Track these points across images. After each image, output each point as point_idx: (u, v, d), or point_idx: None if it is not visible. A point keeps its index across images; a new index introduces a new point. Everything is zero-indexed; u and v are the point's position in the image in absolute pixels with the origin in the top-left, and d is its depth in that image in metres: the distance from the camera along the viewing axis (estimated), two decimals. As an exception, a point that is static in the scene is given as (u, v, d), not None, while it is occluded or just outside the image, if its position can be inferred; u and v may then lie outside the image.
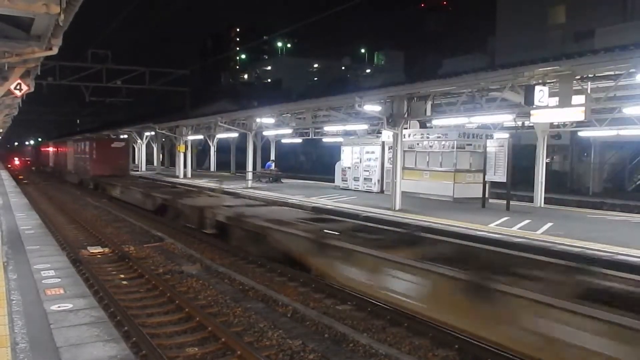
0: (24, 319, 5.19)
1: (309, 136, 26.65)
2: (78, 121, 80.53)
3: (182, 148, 28.71)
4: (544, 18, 36.40)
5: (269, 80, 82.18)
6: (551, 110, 10.94)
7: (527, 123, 17.18)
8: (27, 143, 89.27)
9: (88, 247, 13.29)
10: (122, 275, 10.85)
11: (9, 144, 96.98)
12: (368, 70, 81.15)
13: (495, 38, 41.24)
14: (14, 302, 5.73)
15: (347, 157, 21.27)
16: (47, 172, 51.56)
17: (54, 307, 5.65)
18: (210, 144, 34.84)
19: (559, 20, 36.09)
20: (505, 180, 14.50)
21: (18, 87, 9.62)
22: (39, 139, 79.24)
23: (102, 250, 13.15)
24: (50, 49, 8.36)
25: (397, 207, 14.27)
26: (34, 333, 4.83)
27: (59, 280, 6.96)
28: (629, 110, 12.70)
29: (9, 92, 10.30)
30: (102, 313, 5.63)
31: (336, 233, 10.43)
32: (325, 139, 28.10)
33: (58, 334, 4.83)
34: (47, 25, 7.26)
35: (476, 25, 56.37)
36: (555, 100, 10.95)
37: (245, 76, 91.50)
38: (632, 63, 9.21)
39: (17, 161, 71.12)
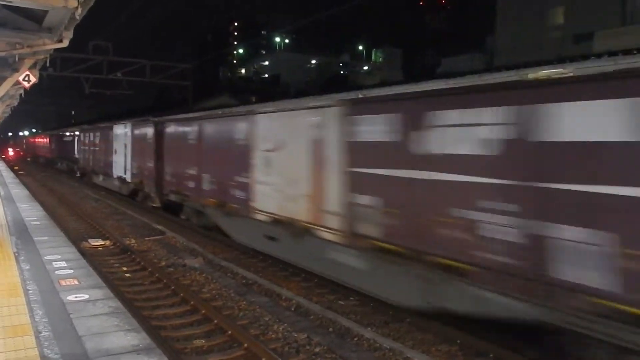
0: (44, 309, 5.31)
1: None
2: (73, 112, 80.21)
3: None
4: (543, 19, 36.61)
5: (267, 75, 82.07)
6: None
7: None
8: (21, 133, 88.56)
9: (89, 240, 13.35)
10: (125, 268, 10.95)
11: (2, 134, 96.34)
12: (366, 68, 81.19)
13: (494, 38, 41.45)
14: (30, 292, 5.85)
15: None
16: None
17: (71, 298, 5.77)
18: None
19: (558, 22, 36.31)
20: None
21: (26, 79, 9.71)
22: (35, 127, 78.50)
23: (103, 243, 13.23)
24: (61, 41, 8.46)
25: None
26: (55, 322, 4.96)
27: (72, 271, 7.08)
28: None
29: (16, 83, 10.38)
30: (119, 304, 5.75)
31: None
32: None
33: (79, 324, 4.96)
34: (61, 18, 7.35)
35: (475, 24, 56.64)
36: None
37: (243, 71, 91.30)
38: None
39: (11, 152, 70.98)
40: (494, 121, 6.10)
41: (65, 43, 8.46)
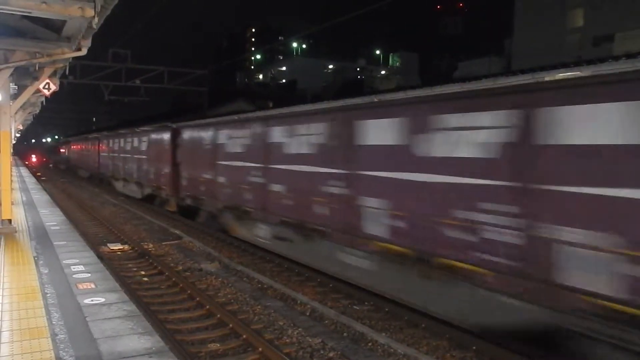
0: (60, 312, 5.40)
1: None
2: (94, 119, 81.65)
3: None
4: (562, 21, 36.18)
5: (284, 80, 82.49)
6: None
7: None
8: (43, 140, 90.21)
9: (108, 244, 13.54)
10: (142, 272, 11.08)
11: (25, 141, 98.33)
12: (383, 72, 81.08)
13: (512, 41, 41.08)
14: (48, 295, 5.96)
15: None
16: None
17: (87, 301, 5.87)
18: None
19: (577, 24, 35.87)
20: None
21: (47, 87, 9.95)
22: (57, 134, 79.71)
23: (121, 247, 13.40)
24: (80, 49, 8.63)
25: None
26: (71, 325, 5.04)
27: (89, 275, 7.19)
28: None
29: (37, 91, 10.64)
30: (134, 307, 5.83)
31: None
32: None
33: (94, 326, 5.04)
34: (79, 28, 7.51)
35: (492, 27, 56.27)
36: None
37: (260, 76, 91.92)
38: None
39: (34, 158, 72.56)
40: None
41: (83, 51, 8.62)
